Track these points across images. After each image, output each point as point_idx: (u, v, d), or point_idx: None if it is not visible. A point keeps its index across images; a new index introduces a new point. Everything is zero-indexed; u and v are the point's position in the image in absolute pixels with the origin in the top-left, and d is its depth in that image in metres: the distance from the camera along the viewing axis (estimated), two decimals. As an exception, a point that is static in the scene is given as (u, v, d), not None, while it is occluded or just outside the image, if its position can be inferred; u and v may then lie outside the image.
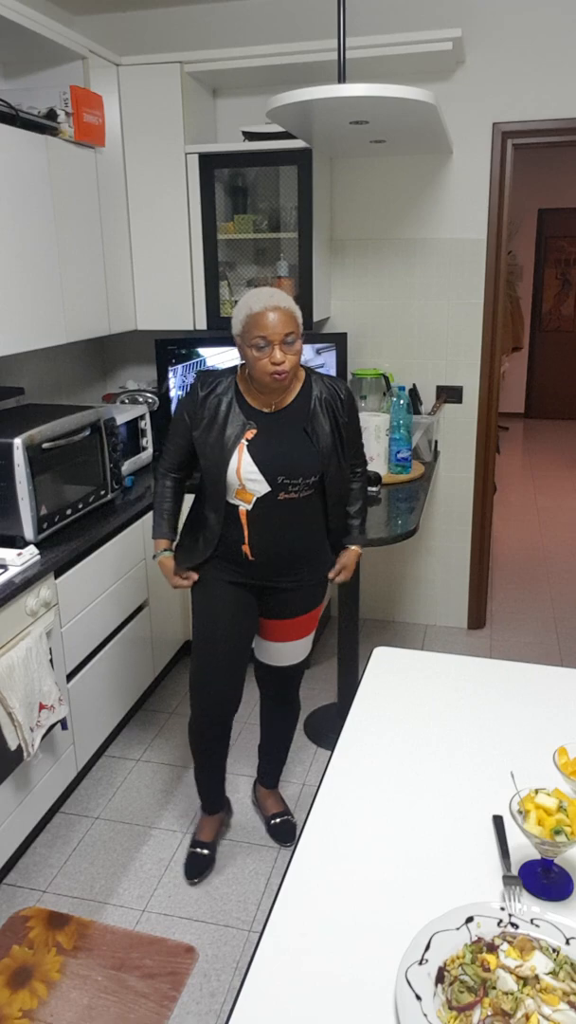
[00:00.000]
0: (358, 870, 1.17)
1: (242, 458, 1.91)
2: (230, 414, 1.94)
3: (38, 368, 3.12)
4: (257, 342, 1.81)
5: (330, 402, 1.98)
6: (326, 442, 1.96)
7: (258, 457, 1.91)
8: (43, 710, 2.20)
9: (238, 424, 1.93)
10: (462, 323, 3.33)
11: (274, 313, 1.80)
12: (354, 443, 2.12)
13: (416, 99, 2.06)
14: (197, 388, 1.98)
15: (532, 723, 1.51)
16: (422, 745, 1.46)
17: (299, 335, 1.86)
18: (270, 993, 0.99)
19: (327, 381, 2.01)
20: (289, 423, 1.95)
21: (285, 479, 1.92)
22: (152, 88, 2.93)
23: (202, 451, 1.97)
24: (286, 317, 1.81)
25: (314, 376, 2.01)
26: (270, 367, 1.82)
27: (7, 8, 2.26)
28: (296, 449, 1.93)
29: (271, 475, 1.92)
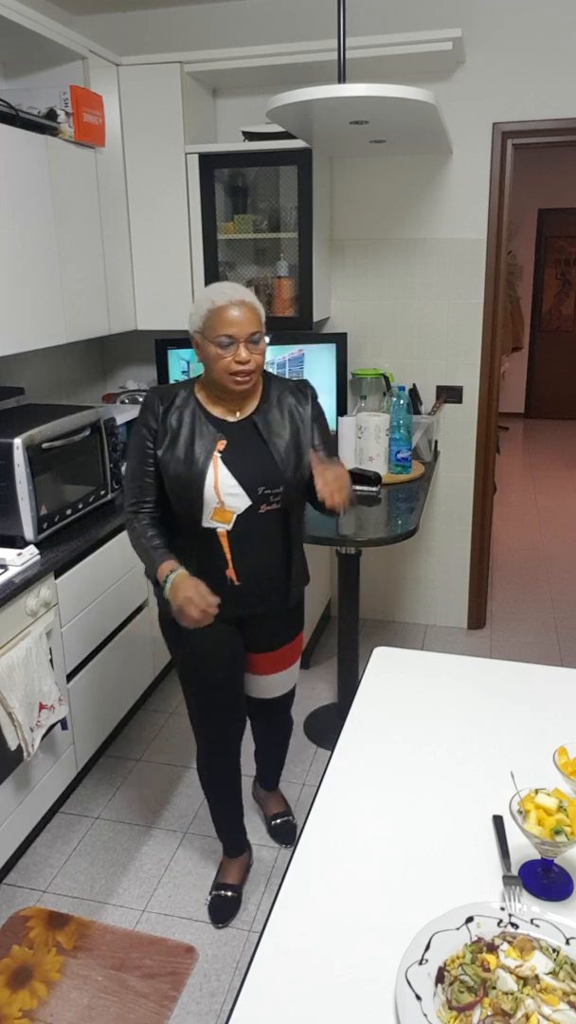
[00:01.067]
0: (358, 870, 1.17)
1: (218, 472, 1.75)
2: (195, 426, 1.77)
3: (38, 368, 3.12)
4: (221, 340, 1.68)
5: (288, 399, 1.86)
6: (281, 440, 1.81)
7: (235, 468, 1.76)
8: (43, 710, 2.20)
9: (207, 436, 1.77)
10: (462, 323, 3.33)
11: (239, 309, 1.68)
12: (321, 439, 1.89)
13: (416, 99, 2.05)
14: (155, 403, 1.79)
15: (532, 723, 1.51)
16: (422, 745, 1.46)
17: (264, 334, 1.74)
18: (270, 993, 0.99)
19: (290, 383, 1.90)
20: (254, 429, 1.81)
21: (266, 489, 1.78)
22: (152, 88, 2.93)
23: (169, 472, 1.77)
24: (252, 314, 1.69)
25: (273, 379, 1.89)
26: (233, 366, 1.69)
27: (7, 8, 2.26)
28: (267, 454, 1.79)
29: (251, 487, 1.76)
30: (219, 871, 2.25)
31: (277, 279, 3.14)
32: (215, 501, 1.76)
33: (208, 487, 1.74)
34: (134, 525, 1.85)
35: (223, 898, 2.17)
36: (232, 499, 1.76)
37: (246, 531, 1.80)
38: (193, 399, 1.81)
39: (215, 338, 1.68)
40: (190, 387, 1.83)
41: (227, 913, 2.14)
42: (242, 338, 1.68)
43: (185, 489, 1.76)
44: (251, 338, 1.69)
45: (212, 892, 2.19)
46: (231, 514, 1.77)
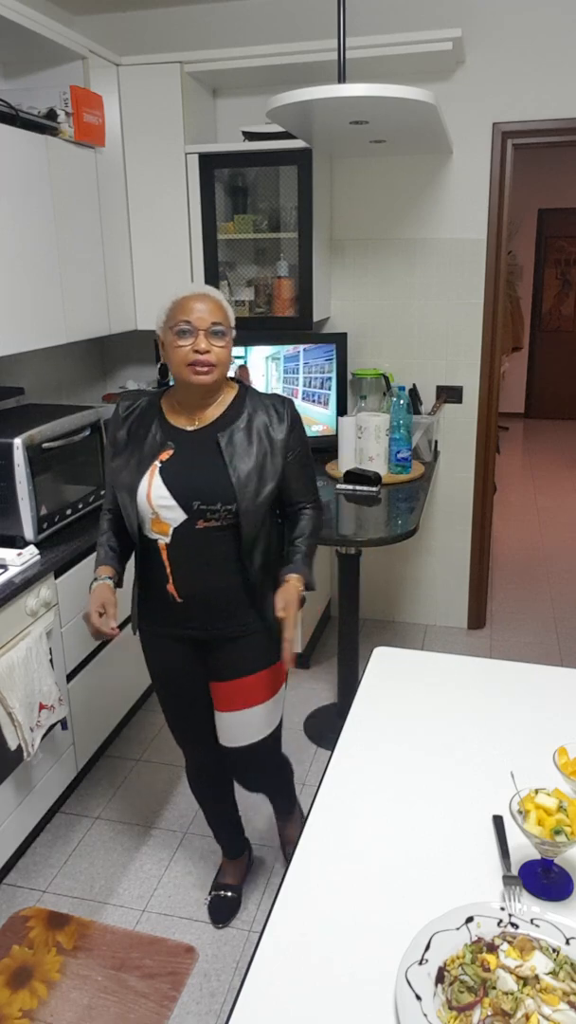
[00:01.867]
0: (358, 870, 1.17)
1: (152, 481, 1.67)
2: (148, 434, 1.71)
3: (38, 368, 3.12)
4: (180, 327, 1.60)
5: (263, 421, 1.71)
6: (244, 464, 1.67)
7: (170, 480, 1.66)
8: (43, 710, 2.20)
9: (155, 444, 1.70)
10: (462, 323, 3.33)
11: (201, 300, 1.61)
12: (299, 476, 1.77)
13: (416, 99, 2.05)
14: (119, 409, 1.78)
15: (532, 723, 1.51)
16: (422, 745, 1.46)
17: (230, 332, 1.66)
18: (270, 993, 0.99)
19: (267, 399, 1.75)
20: (210, 441, 1.69)
21: (201, 504, 1.66)
22: (152, 88, 2.93)
23: (115, 479, 1.74)
24: (214, 305, 1.62)
25: (251, 393, 1.76)
26: (191, 355, 1.60)
27: (7, 8, 2.26)
28: (215, 470, 1.66)
29: (184, 500, 1.65)
30: (219, 871, 2.25)
31: (277, 279, 3.14)
32: (149, 512, 1.69)
33: (141, 496, 1.68)
34: (100, 525, 1.88)
35: (222, 898, 2.17)
36: (166, 511, 1.67)
37: (187, 547, 1.70)
38: (156, 405, 1.75)
39: (175, 326, 1.61)
40: (158, 395, 1.78)
41: (227, 913, 2.13)
42: (202, 327, 1.60)
43: (125, 496, 1.71)
44: (212, 329, 1.60)
45: (212, 892, 2.19)
46: (167, 526, 1.68)
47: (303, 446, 1.77)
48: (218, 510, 1.66)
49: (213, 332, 1.61)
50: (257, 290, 3.24)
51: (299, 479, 1.77)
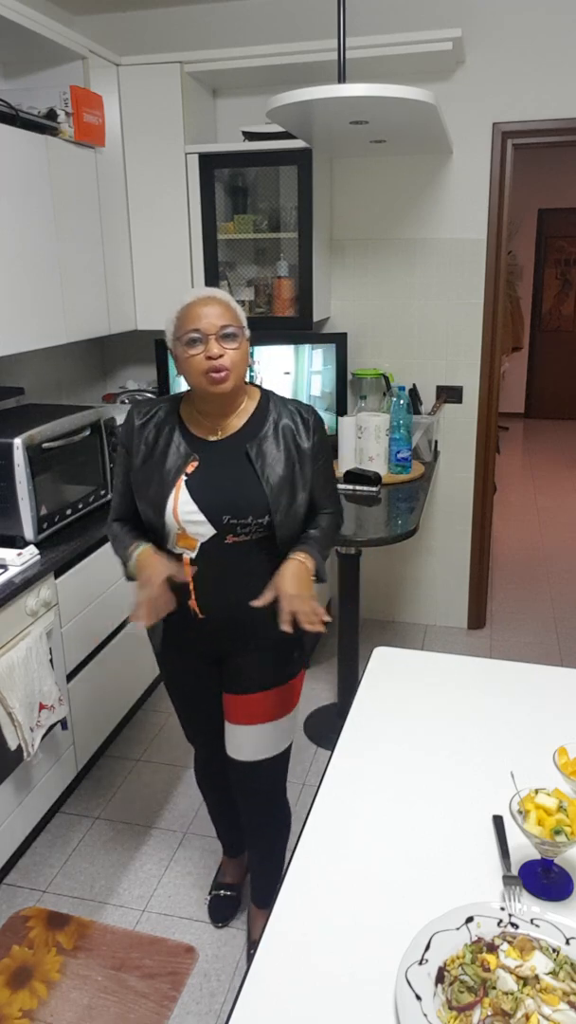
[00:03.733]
0: (358, 870, 1.17)
1: (179, 496, 1.60)
2: (170, 445, 1.63)
3: (38, 368, 3.12)
4: (189, 336, 1.53)
5: (290, 429, 1.65)
6: (275, 474, 1.61)
7: (198, 493, 1.59)
8: (43, 710, 2.20)
9: (179, 456, 1.62)
10: (462, 323, 3.33)
11: (208, 304, 1.54)
12: (323, 484, 1.72)
13: (416, 99, 2.05)
14: (133, 417, 1.68)
15: (532, 723, 1.51)
16: (422, 745, 1.46)
17: (242, 332, 1.57)
18: (270, 993, 0.99)
19: (291, 405, 1.68)
20: (237, 452, 1.62)
21: (231, 519, 1.59)
22: (152, 88, 2.93)
23: (138, 491, 1.66)
24: (222, 308, 1.54)
25: (274, 398, 1.70)
26: (205, 363, 1.52)
27: (7, 8, 2.26)
28: (244, 482, 1.60)
29: (214, 514, 1.59)
30: (218, 870, 2.25)
31: (277, 279, 3.14)
32: (175, 527, 1.61)
33: (168, 512, 1.60)
34: (112, 527, 1.77)
35: (222, 898, 2.16)
36: (193, 526, 1.60)
37: (211, 562, 1.63)
38: (175, 415, 1.67)
39: (184, 337, 1.54)
40: (175, 402, 1.70)
41: (227, 913, 2.13)
42: (212, 332, 1.52)
43: (150, 511, 1.64)
44: (222, 332, 1.53)
45: (211, 892, 2.19)
46: (195, 542, 1.61)
47: (327, 454, 1.72)
48: (249, 524, 1.60)
49: (224, 335, 1.53)
50: (257, 290, 3.24)
51: (323, 488, 1.72)
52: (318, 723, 2.99)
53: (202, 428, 1.65)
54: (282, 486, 1.61)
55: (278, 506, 1.60)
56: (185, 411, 1.67)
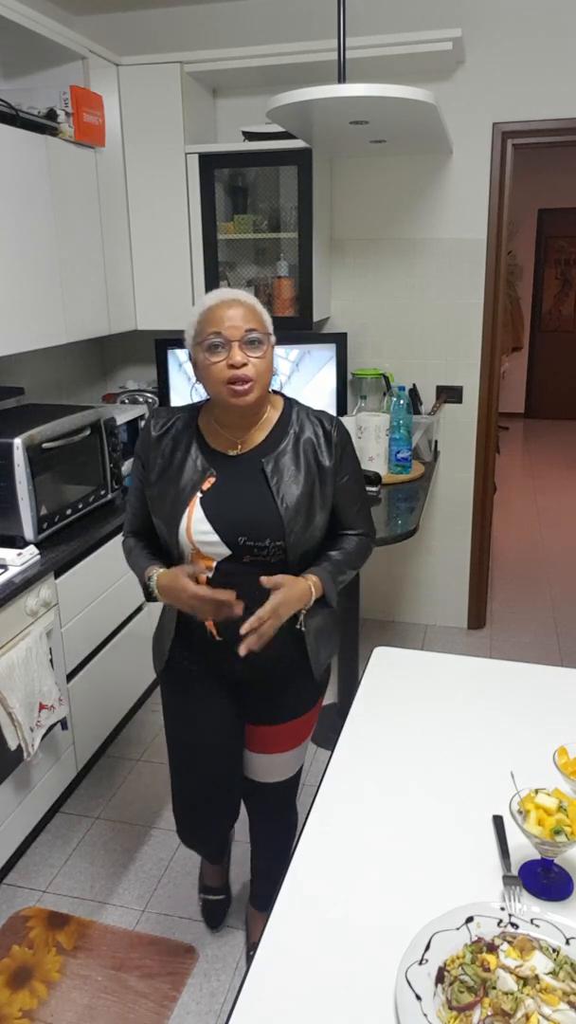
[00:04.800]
0: (358, 870, 1.17)
1: (193, 514, 1.50)
2: (187, 459, 1.53)
3: (38, 368, 3.12)
4: (211, 340, 1.42)
5: (311, 443, 1.54)
6: (291, 494, 1.49)
7: (213, 512, 1.49)
8: (43, 710, 2.20)
9: (195, 471, 1.52)
10: (462, 323, 3.33)
11: (232, 307, 1.43)
12: (351, 501, 1.60)
13: (416, 99, 2.05)
14: (150, 428, 1.58)
15: (532, 723, 1.51)
16: (422, 745, 1.46)
17: (267, 339, 1.46)
18: (270, 993, 0.99)
19: (313, 415, 1.57)
20: (254, 468, 1.51)
21: (247, 540, 1.49)
22: (152, 88, 2.93)
23: (153, 506, 1.57)
24: (247, 311, 1.44)
25: (296, 408, 1.58)
26: (227, 372, 1.41)
27: (7, 8, 2.26)
28: (260, 501, 1.50)
29: (230, 535, 1.49)
30: (201, 875, 2.17)
31: (277, 279, 3.14)
32: (189, 547, 1.51)
33: (181, 530, 1.51)
34: (126, 543, 1.69)
35: (213, 903, 2.12)
36: (208, 547, 1.50)
37: (230, 582, 1.50)
38: (193, 426, 1.57)
39: (204, 341, 1.43)
40: (193, 412, 1.59)
41: (221, 915, 2.11)
42: (235, 338, 1.42)
43: (164, 528, 1.55)
44: (247, 338, 1.42)
45: (201, 896, 2.15)
46: (211, 560, 1.52)
47: (354, 469, 1.61)
48: (266, 546, 1.49)
49: (248, 341, 1.42)
50: (257, 290, 3.24)
51: (351, 505, 1.61)
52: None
53: (221, 441, 1.54)
54: (299, 507, 1.50)
55: (293, 527, 1.49)
56: (204, 422, 1.57)
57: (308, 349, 3.20)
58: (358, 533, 1.65)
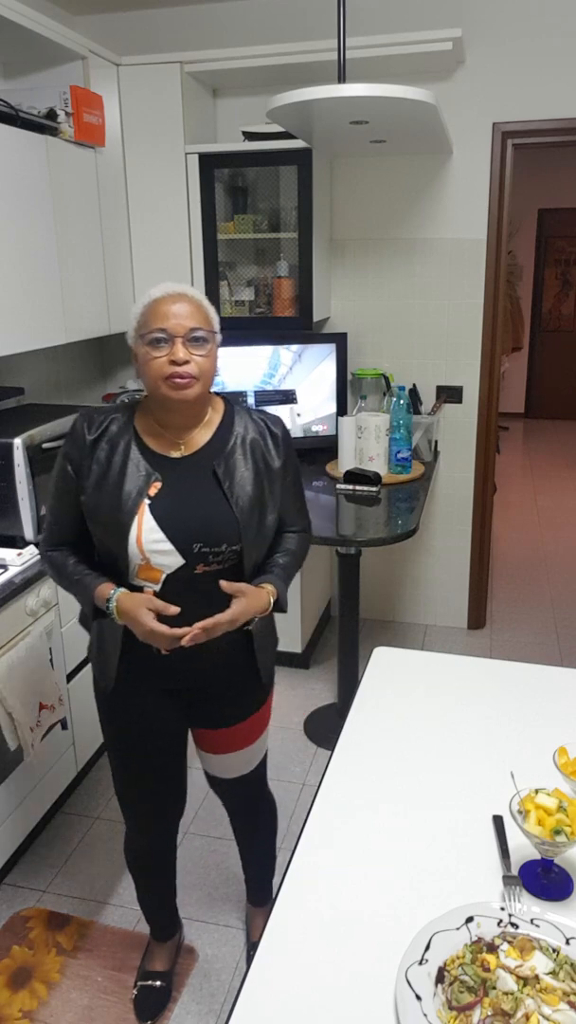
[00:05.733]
0: (358, 870, 1.17)
1: (143, 523, 1.41)
2: (128, 464, 1.44)
3: (38, 368, 3.12)
4: (153, 335, 1.37)
5: (259, 444, 1.51)
6: (245, 494, 1.46)
7: (165, 519, 1.41)
8: (43, 710, 2.20)
9: (139, 476, 1.43)
10: (462, 323, 3.33)
11: (178, 302, 1.38)
12: (293, 500, 1.60)
13: (416, 99, 2.06)
14: (83, 432, 1.46)
15: (532, 723, 1.51)
16: (422, 745, 1.46)
17: (213, 337, 1.41)
18: (270, 993, 0.99)
19: (256, 416, 1.54)
20: (203, 470, 1.46)
21: (203, 546, 1.43)
22: (152, 88, 2.93)
23: (93, 517, 1.46)
24: (193, 308, 1.39)
25: (238, 410, 1.55)
26: (167, 368, 1.36)
27: (7, 8, 2.26)
28: (214, 505, 1.45)
29: (184, 543, 1.42)
30: (145, 955, 1.97)
31: (277, 279, 3.14)
32: (139, 558, 1.42)
33: (131, 541, 1.41)
34: (51, 557, 1.55)
35: (150, 989, 1.88)
36: (160, 556, 1.42)
37: (179, 595, 1.44)
38: (130, 428, 1.48)
39: (147, 335, 1.38)
40: (129, 412, 1.50)
41: (156, 1007, 1.85)
42: (179, 334, 1.36)
43: (108, 540, 1.45)
44: (191, 335, 1.37)
45: (138, 982, 1.90)
46: (159, 573, 1.44)
47: (297, 468, 1.60)
48: (222, 552, 1.45)
49: (193, 339, 1.38)
50: (257, 290, 3.24)
51: (293, 502, 1.61)
52: (318, 723, 2.99)
53: (162, 443, 1.47)
54: (252, 508, 1.47)
55: (248, 531, 1.46)
56: (141, 422, 1.49)
57: (307, 348, 3.20)
58: (297, 530, 1.65)
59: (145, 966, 1.94)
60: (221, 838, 2.40)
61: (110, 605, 1.45)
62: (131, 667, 1.55)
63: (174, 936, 1.98)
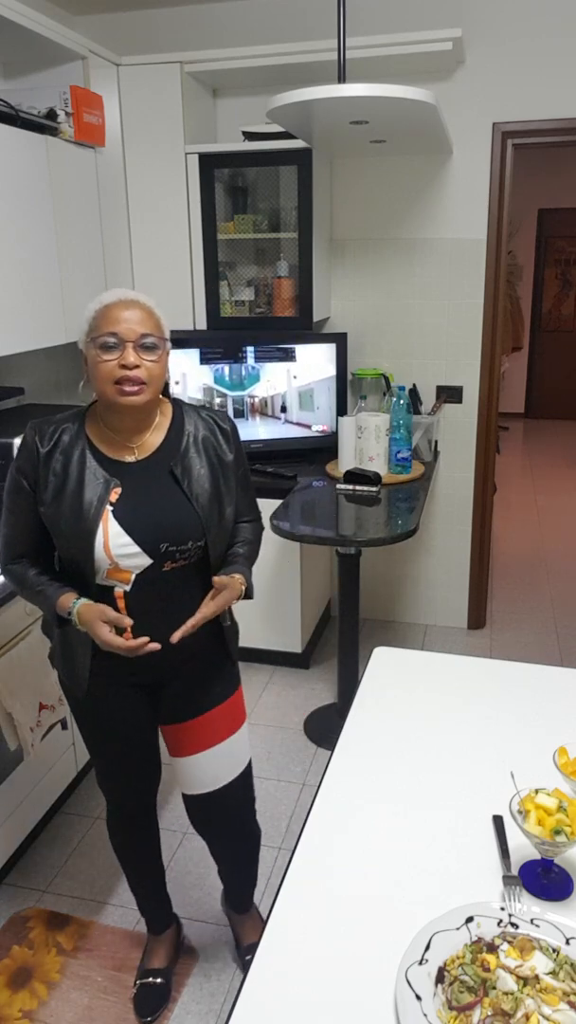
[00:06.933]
0: (358, 870, 1.17)
1: (108, 529, 1.44)
2: (85, 472, 1.46)
3: (38, 368, 3.12)
4: (104, 339, 1.40)
5: (210, 441, 1.56)
6: (203, 491, 1.51)
7: (130, 524, 1.45)
8: (43, 710, 2.20)
9: (97, 484, 1.46)
10: (462, 323, 3.33)
11: (129, 308, 1.42)
12: (244, 492, 1.65)
13: (416, 99, 2.06)
14: (35, 444, 1.48)
15: (532, 723, 1.51)
16: (422, 745, 1.46)
17: (163, 344, 1.45)
18: (270, 993, 0.99)
19: (204, 414, 1.60)
20: (160, 472, 1.51)
21: (170, 545, 1.48)
22: (152, 88, 2.93)
23: (55, 528, 1.48)
24: (144, 315, 1.43)
25: (186, 408, 1.59)
26: (117, 371, 1.39)
27: (7, 8, 2.26)
28: (176, 504, 1.50)
29: (150, 543, 1.46)
30: (144, 953, 1.97)
31: (277, 279, 3.14)
32: (107, 563, 1.46)
33: (98, 547, 1.44)
34: (11, 571, 1.56)
35: (150, 987, 1.88)
36: (127, 559, 1.47)
37: (150, 592, 1.50)
38: (82, 436, 1.50)
39: (98, 339, 1.41)
40: (79, 420, 1.52)
41: (155, 1005, 1.84)
42: (130, 339, 1.40)
43: (73, 549, 1.47)
44: (142, 341, 1.41)
45: (137, 981, 1.91)
46: (129, 574, 1.48)
47: (246, 462, 1.66)
48: (188, 548, 1.50)
49: (143, 345, 1.41)
50: (257, 290, 3.24)
51: (244, 496, 1.65)
52: (318, 723, 2.99)
53: (115, 448, 1.50)
54: (211, 504, 1.52)
55: (210, 523, 1.51)
56: (92, 429, 1.51)
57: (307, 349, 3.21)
58: (250, 519, 1.70)
59: (144, 964, 1.95)
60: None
61: (71, 616, 1.49)
62: (101, 667, 1.58)
63: (170, 928, 2.00)
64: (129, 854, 1.88)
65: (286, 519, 2.53)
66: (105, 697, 1.63)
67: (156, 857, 1.92)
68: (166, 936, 1.98)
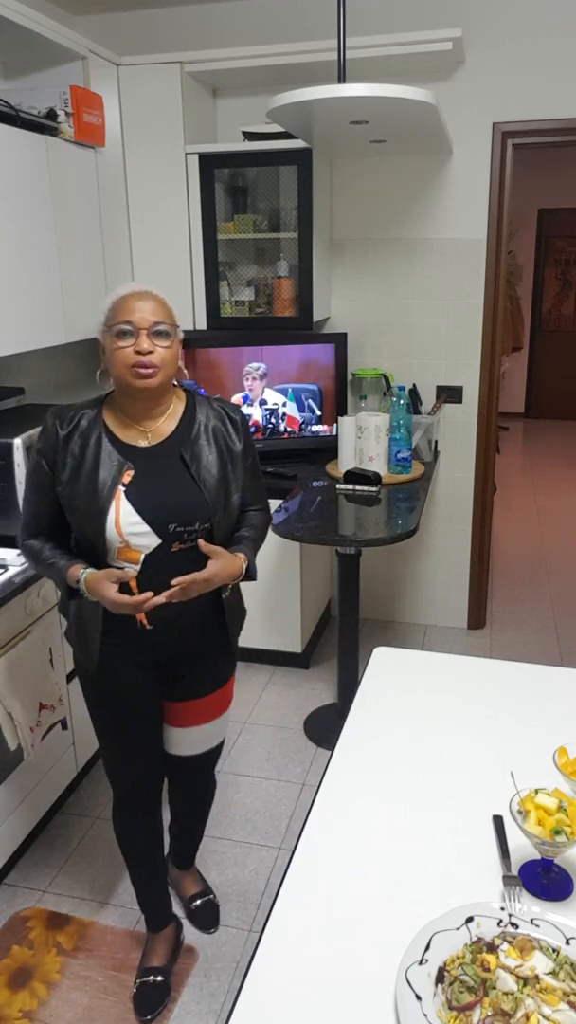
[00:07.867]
0: (358, 870, 1.17)
1: (120, 508, 1.54)
2: (100, 455, 1.56)
3: (38, 368, 3.12)
4: (120, 328, 1.50)
5: (219, 429, 1.65)
6: (211, 476, 1.60)
7: (140, 504, 1.54)
8: (43, 710, 2.20)
9: (112, 466, 1.56)
10: (462, 323, 3.33)
11: (143, 298, 1.52)
12: (253, 482, 1.73)
13: (416, 99, 2.06)
14: (55, 428, 1.58)
15: (532, 723, 1.51)
16: (422, 745, 1.46)
17: (175, 332, 1.56)
18: (270, 993, 0.99)
19: (216, 404, 1.69)
20: (171, 457, 1.60)
21: (178, 526, 1.56)
22: (152, 88, 2.93)
23: (71, 506, 1.57)
24: (157, 304, 1.53)
25: (199, 400, 1.69)
26: (132, 357, 1.50)
27: (7, 8, 2.26)
28: (185, 488, 1.59)
29: (160, 523, 1.55)
30: (143, 952, 1.98)
31: (277, 279, 3.14)
32: (118, 541, 1.55)
33: (109, 525, 1.54)
34: (29, 546, 1.67)
35: (149, 985, 1.89)
36: (137, 538, 1.55)
37: (159, 572, 1.57)
38: (100, 422, 1.60)
39: (114, 327, 1.51)
40: (97, 407, 1.62)
41: (154, 1004, 1.86)
42: (144, 326, 1.50)
43: (87, 527, 1.56)
44: (155, 328, 1.51)
45: (137, 980, 1.91)
46: (139, 554, 1.56)
47: (255, 452, 1.73)
48: (195, 529, 1.58)
49: (156, 332, 1.51)
50: (257, 290, 3.24)
51: (253, 485, 1.73)
52: (318, 723, 2.99)
53: (130, 433, 1.60)
54: (218, 489, 1.61)
55: (216, 507, 1.60)
56: (109, 416, 1.61)
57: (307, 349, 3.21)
58: (258, 508, 1.78)
59: (144, 963, 1.95)
60: (221, 838, 2.41)
61: (80, 584, 1.58)
62: (112, 644, 1.67)
63: (170, 925, 2.01)
64: (132, 845, 1.93)
65: (286, 519, 2.53)
66: (115, 673, 1.71)
67: (158, 850, 1.96)
68: (165, 934, 1.99)
